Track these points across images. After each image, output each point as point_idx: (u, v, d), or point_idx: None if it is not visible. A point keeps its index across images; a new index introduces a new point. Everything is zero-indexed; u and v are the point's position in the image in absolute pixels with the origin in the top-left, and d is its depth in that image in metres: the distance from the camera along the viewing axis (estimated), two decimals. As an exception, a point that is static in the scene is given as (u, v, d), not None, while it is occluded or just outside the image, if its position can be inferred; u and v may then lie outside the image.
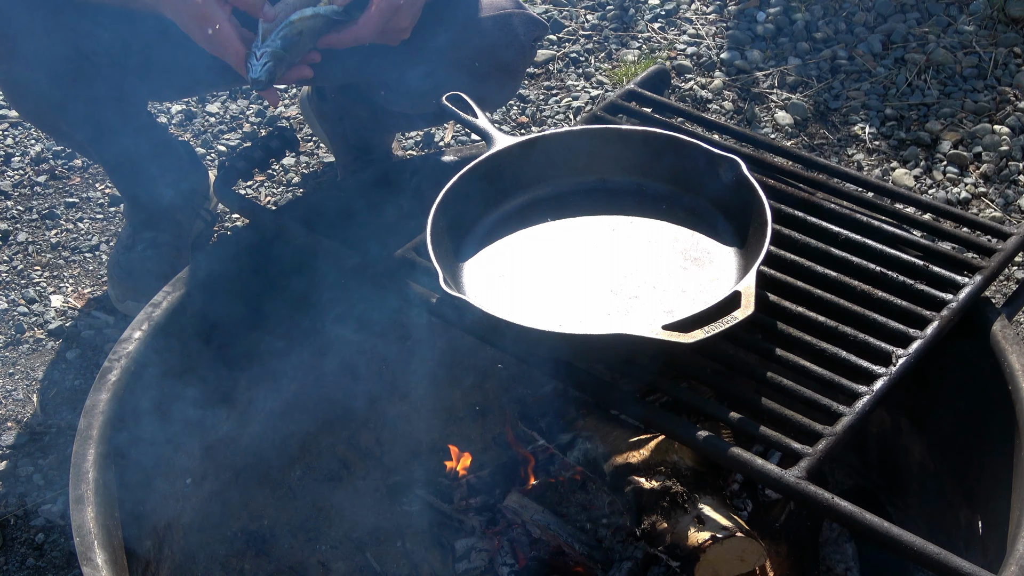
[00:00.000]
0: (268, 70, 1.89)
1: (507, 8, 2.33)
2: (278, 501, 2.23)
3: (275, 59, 1.89)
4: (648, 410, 1.61)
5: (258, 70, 1.89)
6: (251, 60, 1.90)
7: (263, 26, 1.90)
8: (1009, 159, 3.15)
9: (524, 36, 2.35)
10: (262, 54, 1.89)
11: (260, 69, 1.89)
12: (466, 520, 2.11)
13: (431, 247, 1.70)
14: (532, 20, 2.36)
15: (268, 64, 1.89)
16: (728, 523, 1.74)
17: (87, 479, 1.64)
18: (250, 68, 1.89)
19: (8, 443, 2.46)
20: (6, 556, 2.27)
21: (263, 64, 1.89)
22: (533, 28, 2.36)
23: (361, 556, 2.14)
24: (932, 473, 2.00)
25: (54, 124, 2.45)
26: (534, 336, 1.61)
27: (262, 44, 1.90)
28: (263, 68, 1.89)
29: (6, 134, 3.26)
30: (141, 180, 2.66)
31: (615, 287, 1.74)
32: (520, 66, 2.39)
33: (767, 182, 1.92)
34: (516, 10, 2.34)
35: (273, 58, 1.89)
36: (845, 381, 1.60)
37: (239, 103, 3.40)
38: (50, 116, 2.40)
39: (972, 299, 1.75)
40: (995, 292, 2.76)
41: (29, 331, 2.72)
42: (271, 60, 1.89)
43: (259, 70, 1.89)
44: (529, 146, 1.91)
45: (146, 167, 2.60)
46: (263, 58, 1.89)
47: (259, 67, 1.89)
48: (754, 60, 3.52)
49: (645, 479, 1.82)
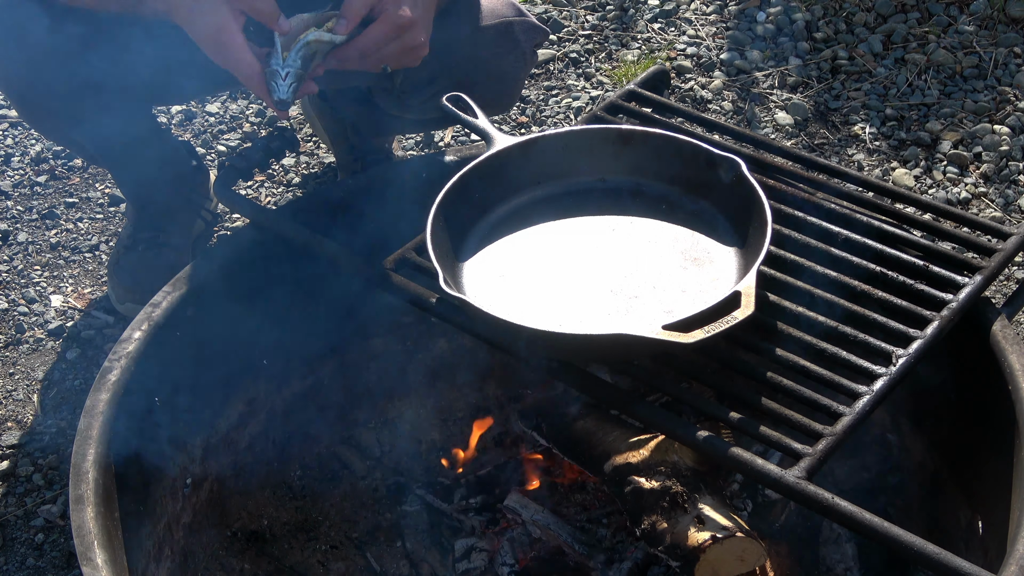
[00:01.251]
0: (293, 90, 1.86)
1: (508, 16, 2.33)
2: (278, 501, 2.23)
3: (298, 80, 1.87)
4: (648, 410, 1.61)
5: (285, 91, 1.84)
6: (275, 80, 1.85)
7: (279, 40, 1.86)
8: (1009, 159, 3.15)
9: (525, 43, 2.35)
10: (287, 74, 1.86)
11: (287, 90, 1.85)
12: (466, 520, 2.11)
13: (431, 247, 1.70)
14: (533, 27, 2.36)
15: (293, 85, 1.85)
16: (728, 523, 1.74)
17: (87, 479, 1.64)
18: (276, 88, 1.85)
19: (8, 443, 2.46)
20: (6, 556, 2.27)
21: (289, 85, 1.85)
22: (534, 35, 2.36)
23: (361, 556, 2.14)
24: (932, 473, 2.00)
25: (60, 130, 2.45)
26: (534, 336, 1.61)
27: (284, 64, 1.87)
28: (289, 89, 1.85)
29: (6, 134, 3.26)
30: (143, 181, 2.66)
31: (615, 287, 1.74)
32: (522, 73, 2.39)
33: (767, 182, 1.92)
34: (517, 17, 2.34)
35: (297, 79, 1.86)
36: (845, 381, 1.60)
37: (239, 103, 3.40)
38: (57, 123, 2.40)
39: (972, 299, 1.75)
40: (995, 292, 2.76)
41: (29, 331, 2.72)
42: (295, 81, 1.86)
43: (286, 91, 1.84)
44: (529, 146, 1.91)
45: (148, 168, 2.60)
46: (288, 79, 1.86)
47: (286, 88, 1.85)
48: (754, 60, 3.52)
49: (645, 479, 1.82)
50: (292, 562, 2.12)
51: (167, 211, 2.74)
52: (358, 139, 2.89)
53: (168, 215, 2.74)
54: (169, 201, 2.74)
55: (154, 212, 2.73)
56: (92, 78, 2.25)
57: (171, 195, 2.71)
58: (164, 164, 2.65)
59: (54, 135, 2.53)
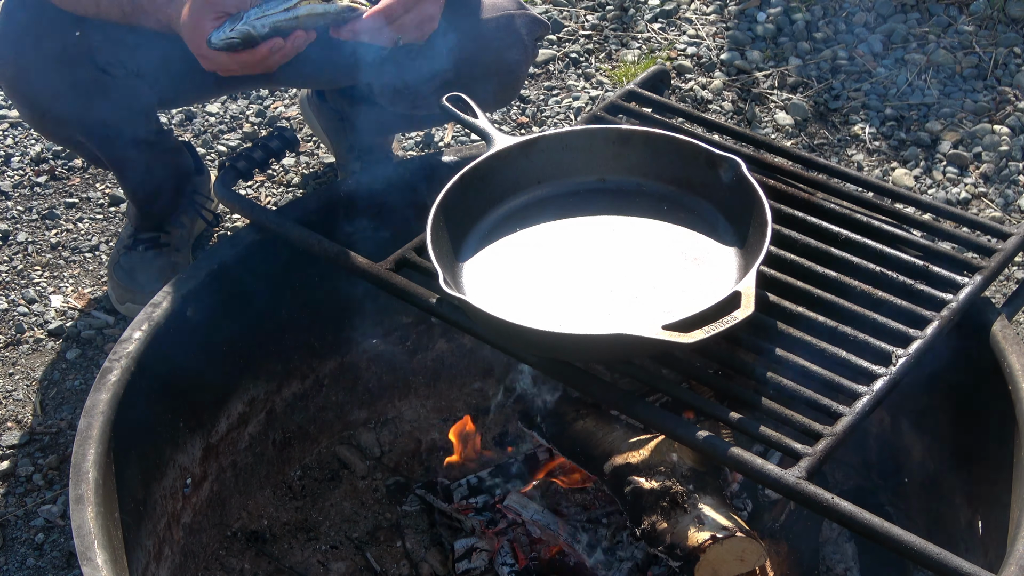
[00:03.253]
0: (229, 44, 1.85)
1: (509, 9, 2.34)
2: (278, 501, 2.23)
3: (245, 42, 1.86)
4: (648, 410, 1.61)
5: (219, 38, 1.84)
6: (222, 29, 1.85)
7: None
8: (1009, 159, 3.15)
9: (527, 36, 2.36)
10: (235, 30, 1.84)
11: (222, 40, 1.85)
12: (466, 520, 2.11)
13: (431, 247, 1.70)
14: (534, 20, 2.37)
15: (234, 40, 1.84)
16: (728, 523, 1.74)
17: (87, 479, 1.64)
18: (213, 33, 1.85)
19: (8, 443, 2.47)
20: (6, 556, 2.27)
21: (226, 37, 1.84)
22: (535, 28, 2.37)
23: (361, 556, 2.15)
24: (932, 473, 2.00)
25: (66, 134, 2.45)
26: (534, 336, 1.61)
27: (244, 21, 1.85)
28: (224, 40, 1.85)
29: (6, 134, 3.26)
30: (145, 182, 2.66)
31: (615, 287, 1.74)
32: (523, 66, 2.40)
33: (767, 182, 1.92)
34: (518, 11, 2.34)
35: (243, 39, 1.85)
36: (845, 381, 1.60)
37: (239, 103, 3.40)
38: (64, 127, 2.40)
39: (972, 299, 1.75)
40: (995, 292, 2.76)
41: (29, 331, 2.72)
42: (240, 40, 1.85)
43: (220, 39, 1.85)
44: (529, 146, 1.91)
45: (151, 170, 2.60)
46: (234, 33, 1.84)
47: (222, 36, 1.85)
48: (754, 60, 3.52)
49: (645, 479, 1.82)
50: (292, 562, 2.13)
51: (167, 211, 2.74)
52: (358, 139, 2.89)
53: (168, 215, 2.74)
54: (170, 201, 2.74)
55: (155, 212, 2.73)
56: (102, 84, 2.26)
57: (172, 195, 2.71)
58: (166, 165, 2.65)
59: (58, 137, 2.53)
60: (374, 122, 2.79)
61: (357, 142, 2.90)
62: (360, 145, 2.90)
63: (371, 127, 2.83)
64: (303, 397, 2.24)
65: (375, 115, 2.69)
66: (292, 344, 2.17)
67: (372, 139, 2.89)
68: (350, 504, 2.24)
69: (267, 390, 2.16)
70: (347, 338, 2.24)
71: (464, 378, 2.39)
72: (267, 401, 2.17)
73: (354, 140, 2.90)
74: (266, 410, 2.18)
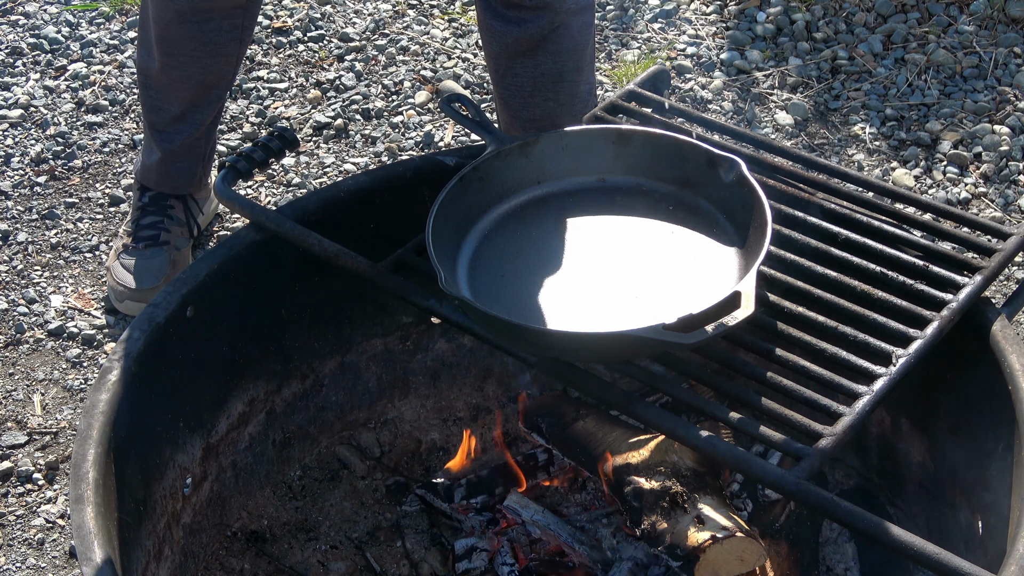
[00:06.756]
0: None
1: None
2: (278, 501, 2.23)
3: None
4: (648, 410, 1.61)
5: None
6: None
7: None
8: (1009, 159, 3.15)
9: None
10: None
11: None
12: (466, 520, 2.11)
13: (431, 247, 1.70)
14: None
15: None
16: (728, 523, 1.74)
17: (87, 479, 1.64)
18: None
19: (8, 443, 2.47)
20: (6, 556, 2.27)
21: None
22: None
23: (361, 556, 2.14)
24: (932, 473, 2.00)
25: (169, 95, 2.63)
26: (534, 335, 1.61)
27: None
28: None
29: (6, 134, 3.26)
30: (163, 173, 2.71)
31: (615, 287, 1.74)
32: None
33: (767, 182, 1.92)
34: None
35: None
36: (845, 381, 1.60)
37: (239, 103, 3.40)
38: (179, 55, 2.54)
39: (972, 299, 1.75)
40: (995, 292, 2.76)
41: (29, 331, 2.72)
42: None
43: None
44: (529, 146, 1.91)
45: (173, 161, 2.69)
46: None
47: None
48: (754, 60, 3.52)
49: (645, 479, 1.82)
50: (292, 562, 2.13)
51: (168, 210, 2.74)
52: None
53: (168, 214, 2.75)
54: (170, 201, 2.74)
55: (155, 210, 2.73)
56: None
57: (195, 163, 2.74)
58: (182, 163, 2.72)
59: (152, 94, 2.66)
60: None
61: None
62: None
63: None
64: (303, 397, 2.24)
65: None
66: (292, 344, 2.16)
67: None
68: (350, 504, 2.24)
69: (267, 390, 2.16)
70: (347, 338, 2.24)
71: (464, 378, 2.39)
72: (267, 401, 2.17)
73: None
74: (266, 410, 2.18)
